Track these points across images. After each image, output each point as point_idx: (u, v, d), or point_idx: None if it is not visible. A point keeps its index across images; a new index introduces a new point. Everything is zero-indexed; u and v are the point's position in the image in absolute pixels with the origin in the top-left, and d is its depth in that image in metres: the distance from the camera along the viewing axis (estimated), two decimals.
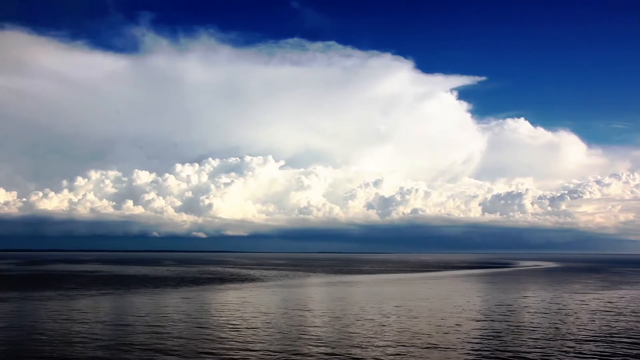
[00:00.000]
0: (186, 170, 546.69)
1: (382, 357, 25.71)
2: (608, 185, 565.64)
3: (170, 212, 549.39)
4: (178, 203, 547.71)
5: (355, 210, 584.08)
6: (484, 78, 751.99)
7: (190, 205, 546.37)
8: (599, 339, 30.61)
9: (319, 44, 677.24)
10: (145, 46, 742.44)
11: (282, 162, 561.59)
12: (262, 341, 29.58)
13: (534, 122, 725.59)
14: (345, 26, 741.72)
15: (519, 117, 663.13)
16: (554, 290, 65.66)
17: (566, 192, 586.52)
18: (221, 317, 39.19)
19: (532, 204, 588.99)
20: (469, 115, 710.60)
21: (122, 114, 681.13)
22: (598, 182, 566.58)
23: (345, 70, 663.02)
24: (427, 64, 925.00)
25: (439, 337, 30.79)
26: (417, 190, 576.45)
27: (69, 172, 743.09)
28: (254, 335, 31.52)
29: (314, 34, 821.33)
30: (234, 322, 36.26)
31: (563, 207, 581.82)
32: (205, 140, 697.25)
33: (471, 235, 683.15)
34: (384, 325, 35.13)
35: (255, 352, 26.74)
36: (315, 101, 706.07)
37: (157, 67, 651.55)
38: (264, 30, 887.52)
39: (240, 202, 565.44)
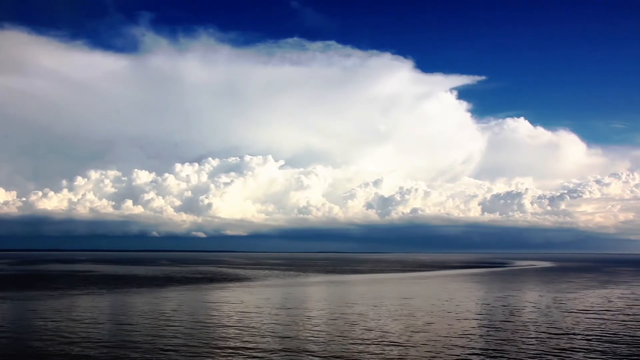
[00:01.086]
0: (186, 170, 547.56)
1: (338, 354, 25.78)
2: (608, 184, 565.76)
3: (170, 211, 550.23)
4: (177, 203, 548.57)
5: (355, 210, 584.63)
6: (483, 78, 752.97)
7: (189, 205, 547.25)
8: (562, 337, 30.64)
9: (318, 44, 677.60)
10: (145, 46, 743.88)
11: (281, 162, 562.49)
12: (227, 339, 29.65)
13: (533, 122, 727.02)
14: (344, 26, 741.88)
15: (518, 116, 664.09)
16: (537, 290, 65.71)
17: (566, 191, 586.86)
18: (191, 316, 39.27)
19: (532, 203, 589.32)
20: (468, 114, 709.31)
21: (122, 114, 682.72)
22: (598, 181, 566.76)
23: (345, 70, 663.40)
24: (427, 64, 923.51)
25: (404, 336, 30.83)
26: (416, 190, 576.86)
27: (68, 171, 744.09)
28: (220, 333, 31.59)
29: (313, 34, 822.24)
30: (204, 321, 36.33)
31: (563, 206, 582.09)
32: (205, 140, 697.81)
33: (471, 235, 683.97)
34: (353, 324, 35.17)
35: (217, 351, 26.83)
36: (315, 101, 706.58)
37: (156, 67, 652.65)
38: (264, 30, 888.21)
39: (239, 202, 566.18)
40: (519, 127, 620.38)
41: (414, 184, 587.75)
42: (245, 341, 29.30)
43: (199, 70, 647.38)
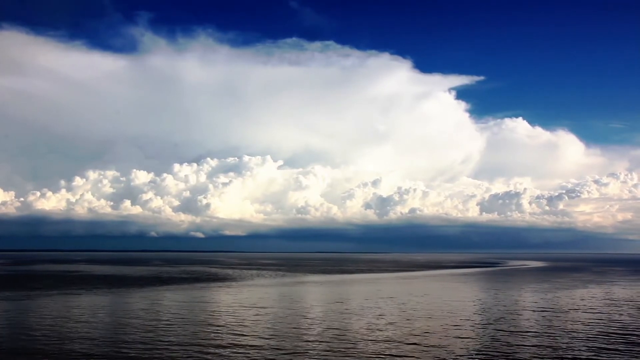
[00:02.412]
0: (184, 170, 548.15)
1: (295, 353, 26.11)
2: (606, 184, 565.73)
3: (168, 212, 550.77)
4: (176, 203, 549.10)
5: (353, 210, 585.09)
6: (482, 78, 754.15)
7: (188, 205, 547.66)
8: (522, 335, 30.97)
9: (317, 44, 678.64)
10: (144, 46, 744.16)
11: (280, 162, 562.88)
12: (184, 336, 29.97)
13: (532, 122, 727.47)
14: (343, 26, 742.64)
15: (517, 116, 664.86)
16: (515, 290, 65.99)
17: (564, 191, 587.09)
18: (157, 315, 39.59)
19: (530, 203, 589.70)
20: (467, 114, 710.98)
21: (121, 114, 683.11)
22: (596, 181, 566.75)
23: (344, 70, 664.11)
24: (426, 64, 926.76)
25: (364, 335, 31.16)
26: (415, 190, 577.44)
27: (67, 172, 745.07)
28: (179, 331, 31.91)
29: (312, 34, 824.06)
30: (168, 320, 36.65)
31: (561, 206, 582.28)
32: (204, 140, 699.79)
33: (469, 235, 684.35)
34: (314, 324, 35.49)
35: (174, 347, 27.15)
36: (314, 101, 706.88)
37: (155, 67, 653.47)
38: (262, 30, 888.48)
39: (238, 202, 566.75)
40: (518, 127, 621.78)
41: (412, 184, 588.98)
42: (201, 339, 29.62)
43: (198, 70, 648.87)
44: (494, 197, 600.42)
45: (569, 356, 26.03)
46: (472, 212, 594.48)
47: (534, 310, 43.45)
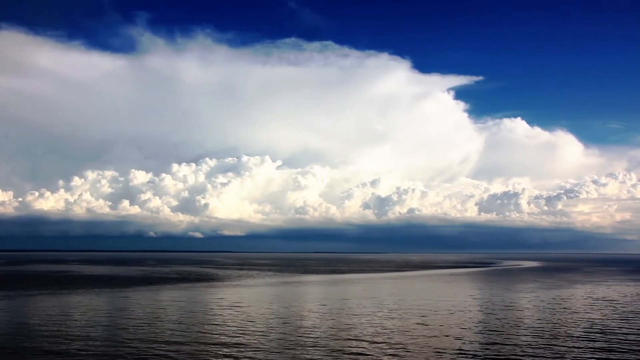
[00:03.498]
0: (183, 170, 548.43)
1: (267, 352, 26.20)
2: (605, 185, 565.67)
3: (167, 212, 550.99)
4: (174, 203, 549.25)
5: (352, 210, 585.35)
6: (481, 78, 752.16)
7: (186, 205, 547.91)
8: (489, 333, 31.05)
9: (316, 44, 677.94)
10: (142, 46, 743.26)
11: (279, 162, 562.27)
12: (154, 334, 30.04)
13: (530, 122, 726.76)
14: (342, 26, 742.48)
15: (515, 116, 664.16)
16: (501, 289, 66.12)
17: (563, 191, 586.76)
18: (131, 314, 39.69)
19: (529, 203, 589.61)
20: (466, 115, 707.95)
21: (119, 114, 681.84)
22: (595, 181, 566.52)
23: (343, 70, 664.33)
24: (424, 64, 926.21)
25: (328, 333, 31.23)
26: (413, 190, 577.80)
27: (65, 172, 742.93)
28: (150, 330, 31.98)
29: (311, 34, 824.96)
30: (143, 320, 36.74)
31: (559, 206, 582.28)
32: (203, 140, 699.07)
33: (468, 235, 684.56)
34: (283, 324, 35.56)
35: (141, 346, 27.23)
36: (313, 101, 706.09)
37: (154, 67, 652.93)
38: (261, 30, 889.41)
39: (236, 202, 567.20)
40: (516, 127, 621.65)
41: (411, 184, 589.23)
42: (166, 337, 29.70)
43: (197, 70, 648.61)
44: (492, 197, 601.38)
45: (526, 354, 26.10)
46: (471, 212, 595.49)
47: (505, 309, 43.50)
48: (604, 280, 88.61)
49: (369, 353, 26.43)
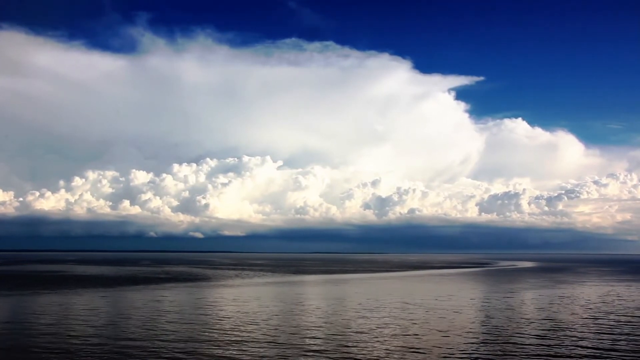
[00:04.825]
0: (183, 170, 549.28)
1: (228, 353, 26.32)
2: (605, 185, 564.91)
3: (167, 212, 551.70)
4: (175, 203, 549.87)
5: (352, 210, 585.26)
6: (481, 78, 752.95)
7: (187, 206, 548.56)
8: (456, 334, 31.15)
9: (316, 44, 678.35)
10: (143, 46, 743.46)
11: (280, 163, 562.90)
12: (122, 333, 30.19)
13: (531, 122, 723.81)
14: (342, 26, 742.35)
15: (516, 117, 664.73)
16: (482, 289, 66.27)
17: (563, 192, 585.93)
18: (103, 315, 39.87)
19: (529, 204, 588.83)
20: (466, 115, 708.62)
21: (120, 114, 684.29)
22: (595, 182, 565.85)
23: (343, 70, 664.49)
24: (425, 64, 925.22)
25: (297, 334, 31.34)
26: (414, 190, 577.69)
27: (66, 172, 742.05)
28: (117, 330, 32.14)
29: (311, 34, 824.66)
30: (112, 320, 36.91)
31: (560, 207, 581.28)
32: (203, 141, 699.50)
33: (468, 235, 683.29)
34: (256, 324, 35.69)
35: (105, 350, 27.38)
36: (313, 101, 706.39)
37: (154, 67, 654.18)
38: (262, 31, 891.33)
39: (237, 202, 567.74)
40: (517, 127, 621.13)
41: (411, 184, 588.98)
42: (129, 337, 29.86)
43: (197, 70, 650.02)
44: (493, 197, 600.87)
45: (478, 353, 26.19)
46: (471, 213, 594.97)
47: (477, 310, 43.57)
48: (589, 280, 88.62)
49: (320, 352, 26.54)
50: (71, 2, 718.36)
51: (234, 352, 26.62)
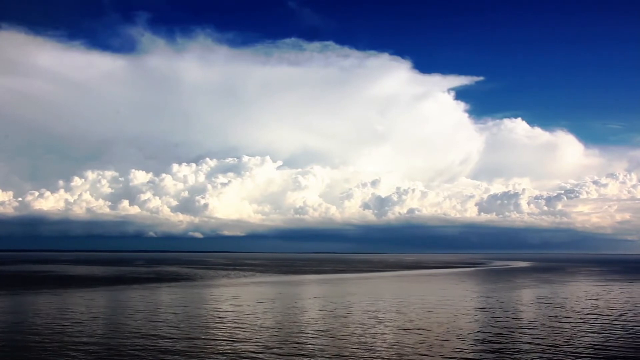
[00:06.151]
0: (183, 170, 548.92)
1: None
2: (605, 185, 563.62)
3: (166, 212, 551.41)
4: (174, 203, 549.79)
5: (352, 210, 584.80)
6: (481, 78, 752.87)
7: (186, 205, 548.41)
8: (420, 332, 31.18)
9: (316, 44, 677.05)
10: (142, 46, 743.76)
11: (279, 163, 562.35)
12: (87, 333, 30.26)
13: (531, 122, 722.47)
14: (342, 26, 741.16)
15: (516, 117, 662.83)
16: (463, 289, 66.22)
17: (563, 192, 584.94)
18: (74, 316, 39.95)
19: (529, 204, 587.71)
20: (466, 115, 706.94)
21: (119, 114, 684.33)
22: (595, 182, 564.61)
23: (343, 70, 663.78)
24: (425, 64, 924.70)
25: (250, 331, 31.40)
26: (413, 190, 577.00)
27: (65, 172, 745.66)
28: (84, 331, 32.21)
29: (311, 34, 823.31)
30: (80, 321, 36.98)
31: (559, 207, 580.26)
32: (203, 141, 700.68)
33: (468, 235, 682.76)
34: (222, 322, 35.75)
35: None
36: (313, 101, 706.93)
37: (154, 67, 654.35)
38: (261, 30, 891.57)
39: (236, 202, 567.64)
40: (517, 127, 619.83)
41: (411, 184, 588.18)
42: (104, 339, 29.92)
43: (197, 70, 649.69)
44: (492, 197, 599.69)
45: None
46: (471, 213, 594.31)
47: (445, 310, 43.59)
48: (574, 280, 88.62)
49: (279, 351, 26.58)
50: (71, 2, 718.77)
51: (184, 349, 26.68)
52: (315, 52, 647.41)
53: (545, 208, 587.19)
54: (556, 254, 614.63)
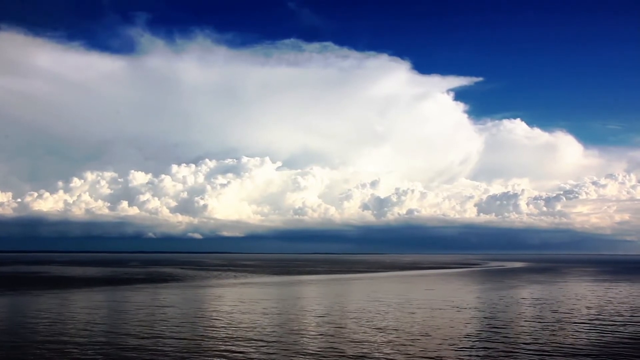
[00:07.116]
0: (182, 171, 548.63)
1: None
2: (604, 186, 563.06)
3: (166, 212, 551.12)
4: (173, 204, 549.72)
5: (351, 211, 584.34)
6: (480, 79, 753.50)
7: (185, 206, 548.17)
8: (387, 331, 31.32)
9: (315, 45, 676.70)
10: (142, 47, 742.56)
11: (279, 163, 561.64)
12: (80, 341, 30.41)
13: (530, 123, 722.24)
14: (342, 27, 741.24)
15: (515, 117, 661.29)
16: (456, 288, 66.29)
17: (562, 192, 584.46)
18: (53, 317, 40.10)
19: (528, 204, 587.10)
20: (465, 116, 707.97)
21: (119, 115, 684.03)
22: (594, 182, 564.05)
23: (342, 71, 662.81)
24: (424, 65, 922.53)
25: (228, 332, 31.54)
26: (413, 191, 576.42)
27: (64, 172, 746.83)
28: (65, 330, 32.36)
29: (310, 35, 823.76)
30: (55, 321, 37.13)
31: (559, 207, 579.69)
32: (202, 142, 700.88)
33: (467, 236, 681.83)
34: (200, 323, 35.90)
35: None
36: (312, 102, 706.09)
37: (153, 68, 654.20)
38: (261, 31, 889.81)
39: (235, 203, 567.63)
40: (516, 128, 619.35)
41: (410, 185, 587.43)
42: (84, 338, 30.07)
43: (196, 71, 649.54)
44: (491, 198, 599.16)
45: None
46: (470, 213, 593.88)
47: (424, 310, 43.73)
48: (565, 280, 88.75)
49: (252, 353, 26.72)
50: (70, 3, 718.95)
51: (154, 347, 26.82)
52: (315, 53, 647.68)
53: (545, 209, 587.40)
54: (555, 254, 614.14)
